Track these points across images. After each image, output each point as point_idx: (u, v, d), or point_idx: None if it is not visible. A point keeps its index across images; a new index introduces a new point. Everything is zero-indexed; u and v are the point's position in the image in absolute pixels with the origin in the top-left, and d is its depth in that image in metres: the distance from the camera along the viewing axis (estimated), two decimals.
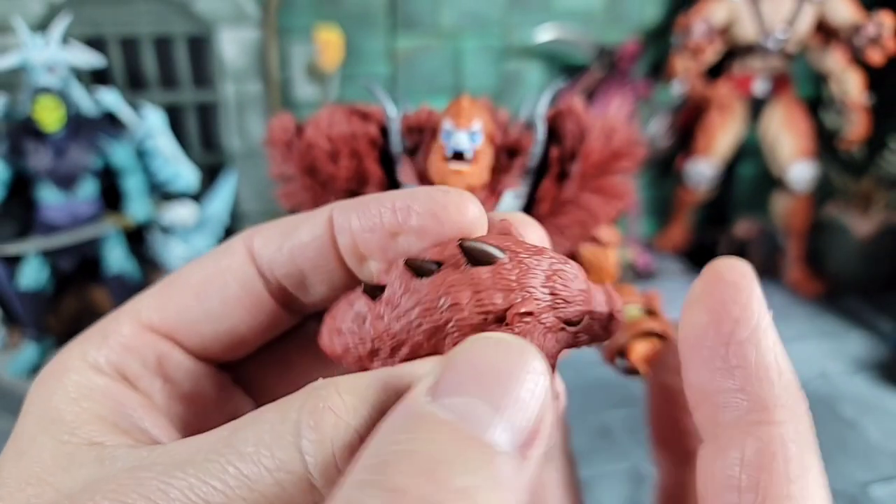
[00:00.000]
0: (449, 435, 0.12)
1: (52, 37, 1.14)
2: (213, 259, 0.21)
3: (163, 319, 0.20)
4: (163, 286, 0.21)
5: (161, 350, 0.20)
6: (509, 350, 0.14)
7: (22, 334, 1.27)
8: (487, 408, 0.13)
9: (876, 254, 1.52)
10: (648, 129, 1.60)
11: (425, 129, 0.69)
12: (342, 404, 0.14)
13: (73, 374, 0.19)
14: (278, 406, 0.15)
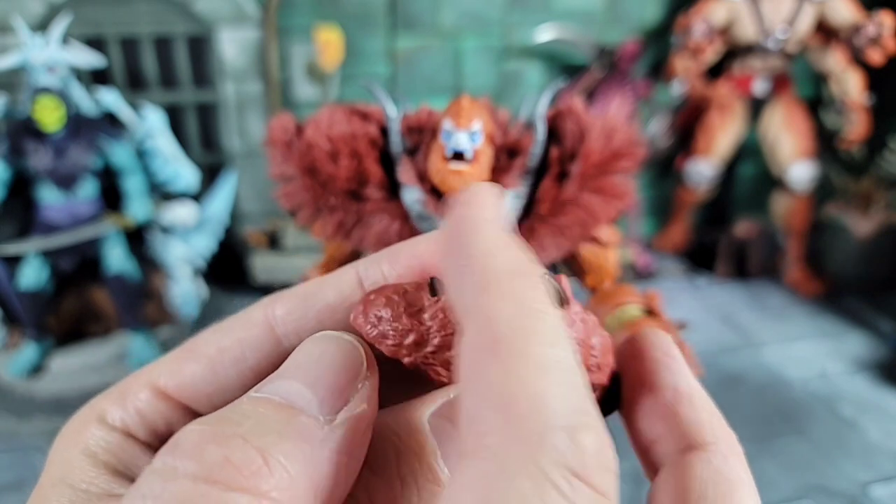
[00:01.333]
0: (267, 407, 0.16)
1: (52, 37, 1.14)
2: (232, 329, 0.22)
3: (178, 387, 0.21)
4: (181, 352, 0.22)
5: (172, 417, 0.21)
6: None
7: (22, 334, 1.27)
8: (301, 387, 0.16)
9: (876, 254, 1.52)
10: (648, 129, 1.60)
11: (425, 129, 0.69)
12: None
13: (93, 429, 0.20)
14: None
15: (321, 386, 0.16)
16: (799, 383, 1.24)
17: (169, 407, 0.21)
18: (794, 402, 1.18)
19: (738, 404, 1.17)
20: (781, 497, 0.96)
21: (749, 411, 1.16)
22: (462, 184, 0.62)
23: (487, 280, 0.15)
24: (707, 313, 1.48)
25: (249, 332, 0.21)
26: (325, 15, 1.44)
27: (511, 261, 0.15)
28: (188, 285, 1.34)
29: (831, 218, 1.56)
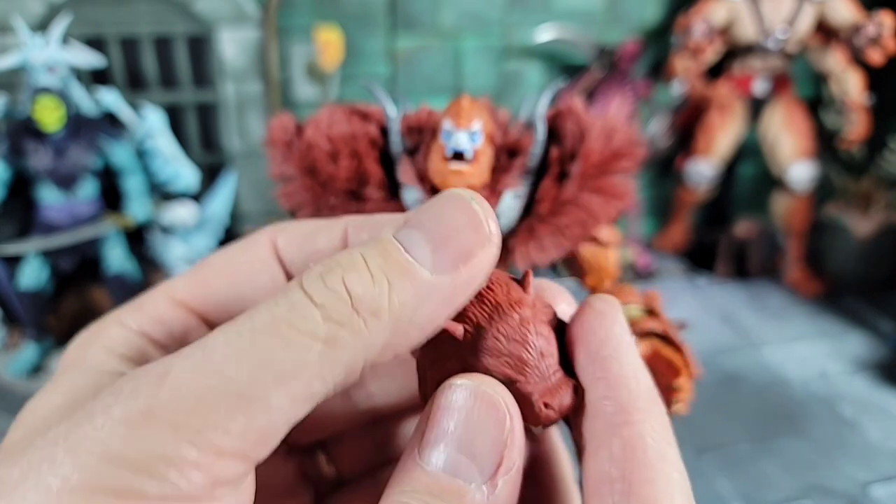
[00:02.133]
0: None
1: (52, 37, 1.14)
2: (242, 249, 0.23)
3: (194, 297, 0.22)
4: (195, 269, 0.23)
5: (190, 324, 0.22)
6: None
7: (22, 334, 1.27)
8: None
9: (876, 254, 1.52)
10: (648, 129, 1.60)
11: (425, 129, 0.69)
12: None
13: (110, 330, 0.21)
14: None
15: (478, 455, 0.17)
16: (799, 383, 1.24)
17: (187, 314, 0.22)
18: (794, 402, 1.18)
19: (738, 404, 1.17)
20: (781, 497, 0.96)
21: (749, 411, 1.16)
22: (462, 184, 0.62)
23: (634, 401, 0.18)
24: (707, 313, 1.48)
25: (259, 251, 0.23)
26: (325, 15, 1.44)
27: (651, 388, 0.18)
28: None
29: (831, 218, 1.56)
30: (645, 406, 0.18)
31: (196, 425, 0.15)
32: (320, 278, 0.17)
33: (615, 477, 0.17)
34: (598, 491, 0.17)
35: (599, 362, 0.19)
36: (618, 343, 0.19)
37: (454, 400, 0.18)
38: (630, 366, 0.19)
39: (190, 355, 0.16)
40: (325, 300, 0.17)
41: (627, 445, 0.17)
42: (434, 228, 0.18)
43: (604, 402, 0.18)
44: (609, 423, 0.18)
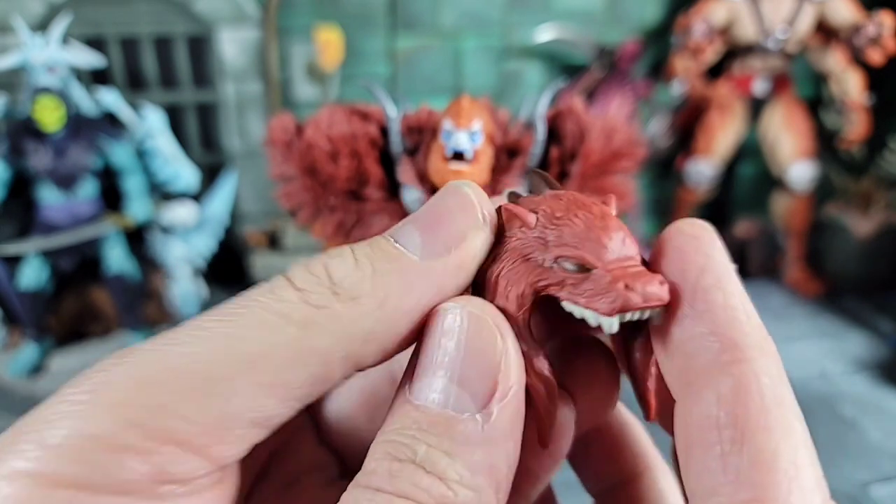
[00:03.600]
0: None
1: (52, 37, 1.14)
2: None
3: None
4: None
5: None
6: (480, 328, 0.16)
7: (22, 334, 1.27)
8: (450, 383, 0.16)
9: (876, 254, 1.52)
10: (648, 129, 1.60)
11: (425, 129, 0.69)
12: None
13: None
14: None
15: (467, 381, 0.16)
16: (799, 383, 1.24)
17: None
18: None
19: None
20: None
21: None
22: None
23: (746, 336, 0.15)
24: None
25: None
26: (325, 15, 1.44)
27: (761, 325, 0.16)
28: (188, 285, 1.34)
29: (831, 218, 1.56)
30: (758, 343, 0.15)
31: (145, 407, 0.14)
32: (304, 265, 0.17)
33: (724, 422, 0.14)
34: (703, 439, 0.15)
35: (701, 293, 0.16)
36: (722, 270, 0.16)
37: (442, 326, 0.16)
38: (738, 296, 0.16)
39: (156, 338, 0.15)
40: (304, 284, 0.16)
41: (740, 387, 0.14)
42: (425, 216, 0.17)
43: (708, 337, 0.15)
44: (716, 362, 0.15)
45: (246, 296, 0.16)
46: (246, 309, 0.15)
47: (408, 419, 0.16)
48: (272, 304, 0.15)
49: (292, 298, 0.16)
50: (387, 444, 0.15)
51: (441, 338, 0.16)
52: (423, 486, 0.14)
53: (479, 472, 0.15)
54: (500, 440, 0.15)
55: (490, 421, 0.15)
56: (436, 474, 0.15)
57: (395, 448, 0.15)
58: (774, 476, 0.14)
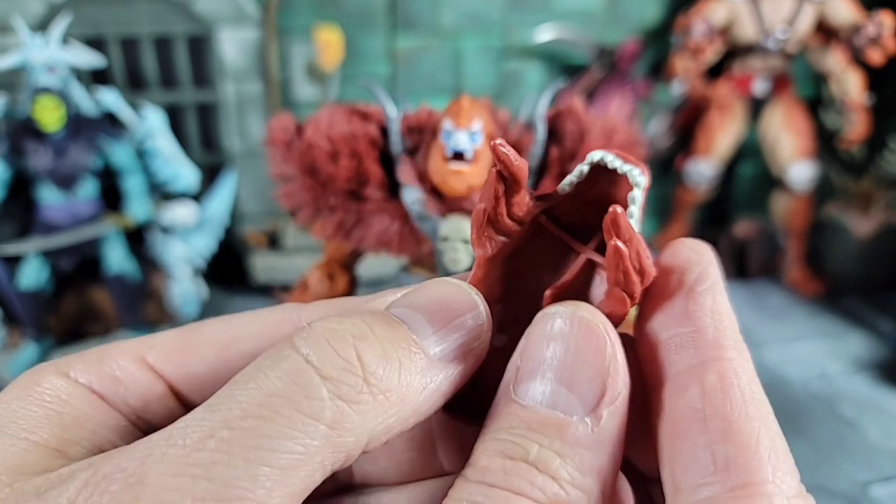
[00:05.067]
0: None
1: (52, 37, 1.14)
2: (252, 322, 0.20)
3: (170, 364, 0.19)
4: (184, 332, 0.20)
5: (154, 392, 0.19)
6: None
7: (22, 334, 1.27)
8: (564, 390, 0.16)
9: (876, 254, 1.52)
10: (648, 129, 1.60)
11: (425, 129, 0.69)
12: None
13: (52, 380, 0.18)
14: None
15: (577, 385, 0.16)
16: (799, 383, 1.24)
17: (153, 381, 0.19)
18: (794, 402, 1.18)
19: None
20: None
21: None
22: (462, 183, 0.62)
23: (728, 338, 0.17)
24: None
25: (269, 330, 0.20)
26: (325, 15, 1.44)
27: (739, 333, 0.17)
28: (188, 285, 1.34)
29: (831, 218, 1.56)
30: (737, 346, 0.17)
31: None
32: (327, 343, 0.15)
33: (710, 414, 0.15)
34: (686, 431, 0.15)
35: (693, 296, 0.17)
36: (715, 281, 0.18)
37: (550, 329, 0.17)
38: (724, 304, 0.17)
39: (167, 449, 0.14)
40: (334, 372, 0.15)
41: (723, 381, 0.16)
42: (434, 311, 0.17)
43: (694, 335, 0.17)
44: (700, 359, 0.16)
45: (261, 383, 0.15)
46: (275, 413, 0.14)
47: (516, 419, 0.16)
48: (302, 403, 0.15)
49: (322, 394, 0.15)
50: (498, 442, 0.16)
51: (549, 341, 0.17)
52: (537, 484, 0.15)
53: (589, 474, 0.15)
54: (608, 443, 0.16)
55: (600, 424, 0.16)
56: (549, 474, 0.15)
57: (507, 446, 0.15)
58: (759, 462, 0.15)
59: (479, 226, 0.19)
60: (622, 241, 0.17)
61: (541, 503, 0.15)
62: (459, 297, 0.18)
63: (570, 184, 0.19)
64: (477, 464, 0.16)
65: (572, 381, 0.16)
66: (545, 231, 0.21)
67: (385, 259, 1.14)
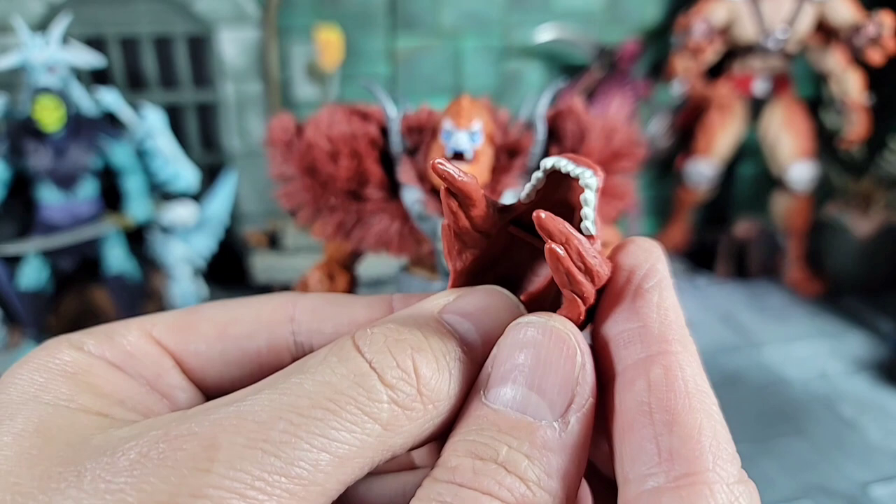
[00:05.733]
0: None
1: (52, 37, 1.14)
2: (250, 306, 0.21)
3: (175, 339, 0.20)
4: (186, 312, 0.21)
5: (163, 366, 0.20)
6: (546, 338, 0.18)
7: (22, 334, 1.27)
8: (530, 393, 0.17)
9: (876, 254, 1.52)
10: (648, 129, 1.60)
11: (425, 129, 0.69)
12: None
13: (69, 353, 0.19)
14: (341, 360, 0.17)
15: (547, 391, 0.17)
16: (799, 383, 1.24)
17: (160, 355, 0.20)
18: (794, 402, 1.18)
19: (738, 404, 1.17)
20: (781, 497, 0.96)
21: (749, 411, 1.16)
22: None
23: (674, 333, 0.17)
24: (707, 313, 1.48)
25: (271, 316, 0.21)
26: (325, 15, 1.44)
27: (685, 328, 0.18)
28: (188, 285, 1.34)
29: (831, 218, 1.56)
30: (682, 340, 0.17)
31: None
32: (388, 352, 0.17)
33: (655, 407, 0.16)
34: (634, 424, 0.16)
35: (641, 292, 0.18)
36: (662, 278, 0.18)
37: (522, 336, 0.17)
38: (671, 300, 0.18)
39: (238, 422, 0.15)
40: (394, 380, 0.16)
41: (668, 374, 0.16)
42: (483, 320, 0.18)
43: (641, 331, 0.17)
44: (646, 353, 0.17)
45: (327, 377, 0.16)
46: (340, 409, 0.15)
47: (486, 421, 0.16)
48: (365, 403, 0.16)
49: (382, 398, 0.16)
50: (468, 443, 0.16)
51: (521, 348, 0.17)
52: (505, 484, 0.15)
53: (555, 477, 0.16)
54: (574, 448, 0.16)
55: (567, 429, 0.16)
56: (517, 474, 0.15)
57: (477, 447, 0.16)
58: (701, 452, 0.15)
59: (447, 241, 0.20)
60: (557, 242, 0.17)
61: (508, 503, 0.15)
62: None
63: (530, 191, 0.20)
64: (446, 464, 0.16)
65: (542, 388, 0.17)
66: (519, 239, 0.21)
67: (385, 259, 1.14)
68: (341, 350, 0.17)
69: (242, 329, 0.21)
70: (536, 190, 0.20)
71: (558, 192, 0.20)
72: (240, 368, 0.21)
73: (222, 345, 0.20)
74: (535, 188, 0.20)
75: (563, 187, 0.20)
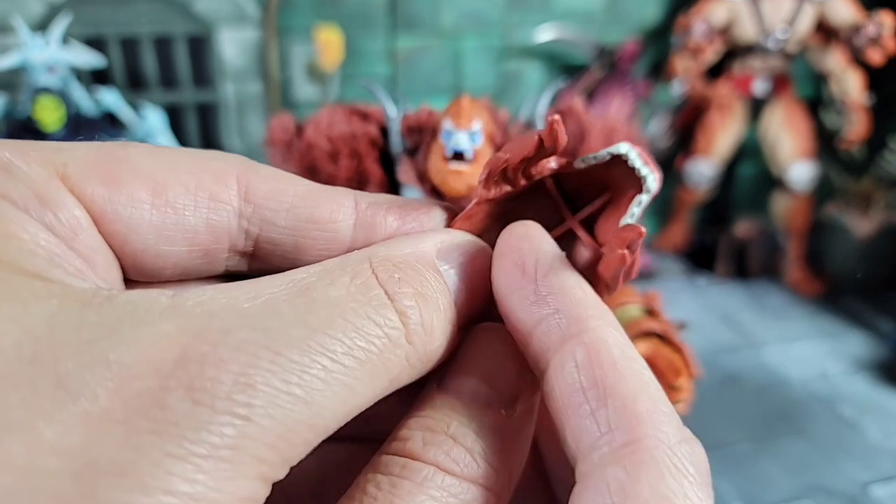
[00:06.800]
0: None
1: (52, 37, 1.14)
2: (190, 165, 0.18)
3: (94, 193, 0.16)
4: (106, 153, 0.17)
5: (80, 222, 0.16)
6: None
7: None
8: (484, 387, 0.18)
9: (876, 254, 1.52)
10: (648, 129, 1.60)
11: (425, 129, 0.69)
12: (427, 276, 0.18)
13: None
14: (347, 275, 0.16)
15: (496, 382, 0.18)
16: (799, 383, 1.24)
17: (72, 204, 0.16)
18: (794, 402, 1.18)
19: (738, 404, 1.17)
20: (781, 497, 0.96)
21: (749, 411, 1.16)
22: (462, 184, 0.62)
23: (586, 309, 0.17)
24: (707, 313, 1.48)
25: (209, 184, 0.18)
26: (325, 15, 1.44)
27: (597, 297, 0.18)
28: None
29: (831, 218, 1.56)
30: (597, 313, 0.17)
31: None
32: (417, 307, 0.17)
33: (587, 385, 0.16)
34: (570, 404, 0.16)
35: (540, 279, 0.18)
36: (553, 259, 0.18)
37: (481, 335, 0.19)
38: (571, 277, 0.18)
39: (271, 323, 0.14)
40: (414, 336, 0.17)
41: (591, 350, 0.16)
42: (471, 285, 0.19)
43: (555, 316, 0.17)
44: (567, 335, 0.17)
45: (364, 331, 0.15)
46: (365, 358, 0.15)
47: (439, 402, 0.17)
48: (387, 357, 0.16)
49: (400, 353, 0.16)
50: (419, 419, 0.17)
51: (478, 346, 0.19)
52: (453, 455, 0.16)
53: (500, 455, 0.17)
54: (520, 432, 0.18)
55: (514, 415, 0.18)
56: (465, 447, 0.16)
57: (428, 422, 0.17)
58: (638, 416, 0.15)
59: (491, 171, 0.20)
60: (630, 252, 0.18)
61: (455, 475, 0.16)
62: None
63: (587, 161, 0.20)
64: (396, 436, 0.17)
65: (494, 380, 0.18)
66: (543, 189, 0.21)
67: None
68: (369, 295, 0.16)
69: (179, 197, 0.17)
70: (590, 168, 0.20)
71: (606, 173, 0.20)
72: (168, 243, 0.17)
73: (154, 212, 0.17)
74: (593, 163, 0.20)
75: (614, 171, 0.20)
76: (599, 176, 0.21)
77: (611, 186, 0.21)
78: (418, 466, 0.15)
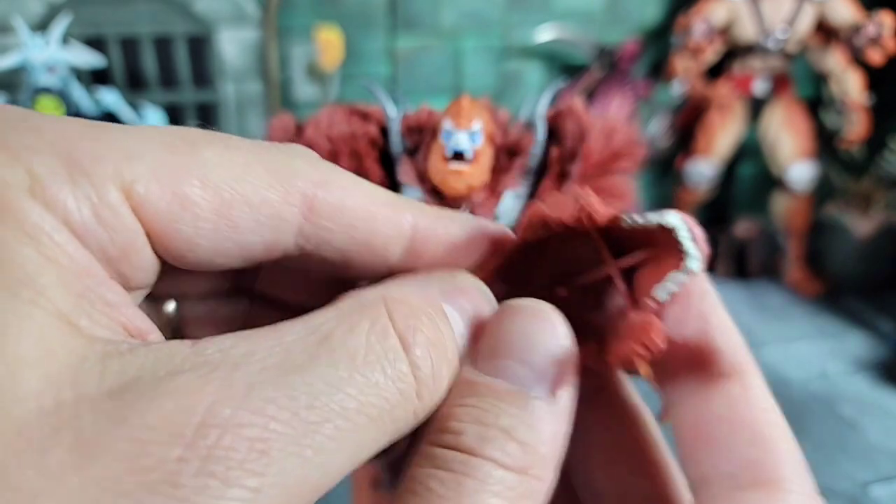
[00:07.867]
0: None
1: (52, 37, 1.14)
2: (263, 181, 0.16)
3: (158, 212, 0.15)
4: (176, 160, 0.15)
5: (135, 244, 0.15)
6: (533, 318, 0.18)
7: None
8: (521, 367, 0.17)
9: (876, 254, 1.52)
10: (648, 129, 1.60)
11: (425, 129, 0.69)
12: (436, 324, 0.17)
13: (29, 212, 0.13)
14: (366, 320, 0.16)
15: (539, 366, 0.18)
16: (799, 383, 1.24)
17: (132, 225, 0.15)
18: (794, 402, 1.18)
19: None
20: None
21: None
22: (462, 184, 0.62)
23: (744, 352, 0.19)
24: None
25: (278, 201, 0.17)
26: (325, 15, 1.44)
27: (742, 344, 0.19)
28: None
29: (831, 218, 1.56)
30: (750, 359, 0.19)
31: None
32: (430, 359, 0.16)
33: (737, 421, 0.18)
34: (715, 434, 0.18)
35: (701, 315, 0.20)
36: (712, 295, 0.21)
37: (515, 316, 0.18)
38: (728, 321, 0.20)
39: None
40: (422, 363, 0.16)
41: (747, 391, 0.18)
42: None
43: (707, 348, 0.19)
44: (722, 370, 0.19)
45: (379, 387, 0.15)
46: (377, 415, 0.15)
47: (483, 389, 0.17)
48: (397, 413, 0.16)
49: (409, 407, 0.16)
50: (470, 409, 0.16)
51: (514, 327, 0.18)
52: (507, 450, 0.16)
53: (548, 445, 0.17)
54: (564, 421, 0.17)
55: (557, 403, 0.17)
56: (517, 440, 0.16)
57: (478, 413, 0.16)
58: (783, 463, 0.17)
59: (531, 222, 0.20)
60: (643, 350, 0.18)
61: (511, 469, 0.16)
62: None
63: (632, 223, 0.20)
64: (448, 428, 0.16)
65: (534, 364, 0.17)
66: (583, 240, 0.21)
67: None
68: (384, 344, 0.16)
69: (244, 217, 0.16)
70: (636, 228, 0.20)
71: (648, 235, 0.20)
72: (223, 258, 0.17)
73: (215, 232, 0.16)
74: (640, 227, 0.20)
75: (657, 237, 0.20)
76: (641, 237, 0.20)
77: (655, 245, 0.20)
78: (478, 463, 0.15)
